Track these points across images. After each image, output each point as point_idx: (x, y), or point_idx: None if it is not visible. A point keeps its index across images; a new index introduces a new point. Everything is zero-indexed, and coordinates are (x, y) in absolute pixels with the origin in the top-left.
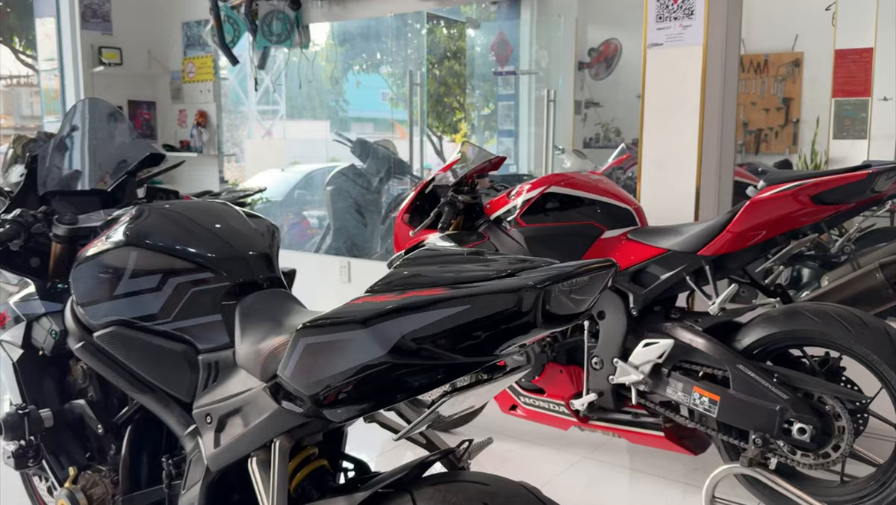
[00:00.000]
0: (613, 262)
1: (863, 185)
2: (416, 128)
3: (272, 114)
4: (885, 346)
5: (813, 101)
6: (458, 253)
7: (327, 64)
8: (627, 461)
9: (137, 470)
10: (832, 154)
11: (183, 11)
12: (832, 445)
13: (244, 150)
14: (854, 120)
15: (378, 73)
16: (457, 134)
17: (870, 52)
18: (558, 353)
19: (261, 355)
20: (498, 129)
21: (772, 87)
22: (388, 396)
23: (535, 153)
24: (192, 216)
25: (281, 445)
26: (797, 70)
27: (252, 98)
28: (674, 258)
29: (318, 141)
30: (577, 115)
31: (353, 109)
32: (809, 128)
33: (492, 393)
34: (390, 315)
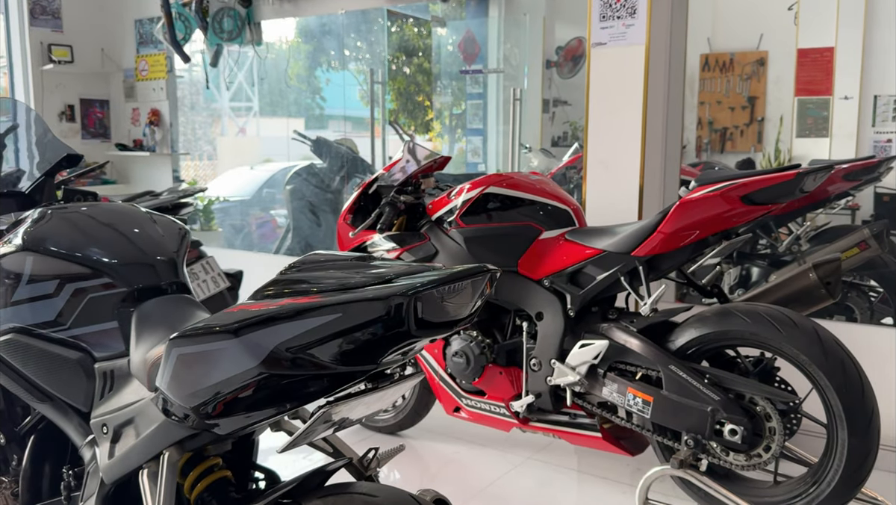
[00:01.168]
0: (487, 267)
1: (791, 185)
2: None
3: (245, 111)
4: (813, 346)
5: (778, 100)
6: (344, 259)
7: (294, 62)
8: (571, 462)
9: (39, 481)
10: (795, 152)
11: (135, 8)
12: (763, 445)
13: (217, 147)
14: (816, 119)
15: (348, 70)
16: (429, 133)
17: (831, 52)
18: (498, 354)
19: (147, 364)
20: (466, 127)
21: (737, 86)
22: (276, 405)
23: (504, 152)
24: (93, 220)
25: (170, 458)
26: (762, 69)
27: (224, 95)
28: (609, 259)
29: (290, 139)
30: (545, 114)
31: (329, 107)
32: (774, 126)
33: (384, 401)
34: (262, 324)
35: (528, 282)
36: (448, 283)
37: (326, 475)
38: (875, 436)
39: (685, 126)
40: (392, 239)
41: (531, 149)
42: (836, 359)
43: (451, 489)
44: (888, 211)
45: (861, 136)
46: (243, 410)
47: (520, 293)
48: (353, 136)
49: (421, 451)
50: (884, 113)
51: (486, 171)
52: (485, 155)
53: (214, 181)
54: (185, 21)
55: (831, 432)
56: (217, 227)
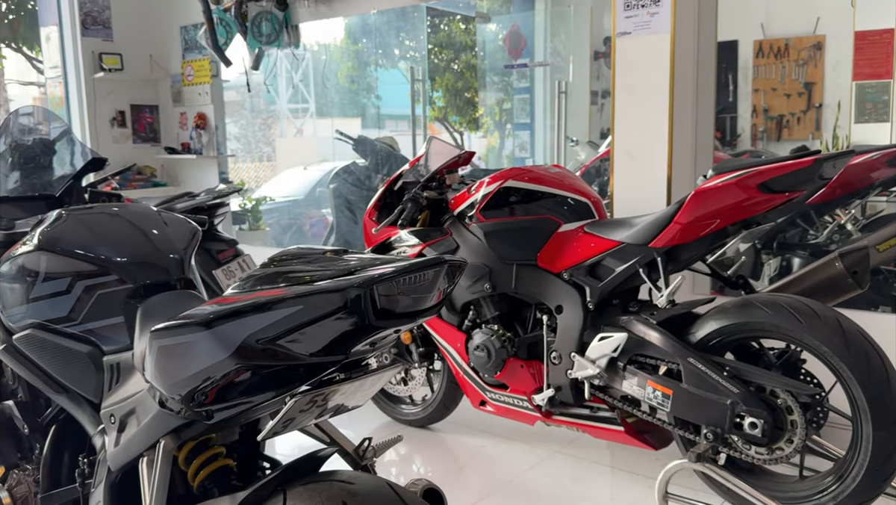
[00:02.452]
0: (443, 259)
1: (809, 172)
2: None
3: (302, 112)
4: (836, 337)
5: (836, 85)
6: (319, 253)
7: (344, 62)
8: (600, 457)
9: (58, 469)
10: (854, 139)
11: (181, 15)
12: (785, 439)
13: (276, 148)
14: (876, 103)
15: (398, 68)
16: (480, 129)
17: (891, 33)
18: (519, 348)
19: (143, 356)
20: (513, 122)
21: (793, 72)
22: (259, 394)
23: (551, 146)
24: (104, 221)
25: (165, 446)
26: (819, 53)
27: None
28: (627, 251)
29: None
30: (593, 106)
31: (385, 106)
32: (832, 112)
33: (367, 390)
34: (231, 317)
35: (547, 275)
36: (403, 274)
37: (318, 462)
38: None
39: (739, 114)
40: (415, 234)
41: (578, 142)
42: (860, 350)
43: (476, 481)
44: None
45: None
46: (230, 398)
47: (539, 286)
48: (407, 134)
49: (449, 443)
50: None
51: (534, 164)
52: (532, 149)
53: (269, 182)
54: (226, 26)
55: (856, 426)
56: (265, 227)
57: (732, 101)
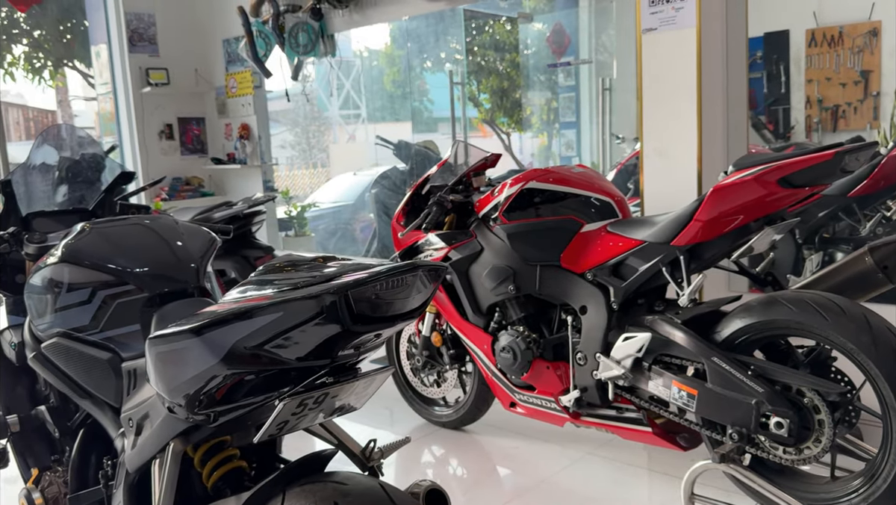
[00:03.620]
0: (417, 264)
1: (830, 165)
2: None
3: (354, 118)
4: (863, 334)
5: (893, 73)
6: (309, 260)
7: (390, 68)
8: (634, 459)
9: (85, 470)
10: None
11: (222, 29)
12: (813, 439)
13: (329, 154)
14: None
15: (444, 72)
16: (525, 130)
17: None
18: (544, 349)
19: None
20: (560, 121)
21: (848, 60)
22: (256, 396)
23: (597, 143)
24: (123, 233)
25: (174, 449)
26: (875, 40)
27: (335, 104)
28: (650, 249)
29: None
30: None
31: (437, 109)
32: (891, 101)
33: (359, 394)
34: (219, 324)
35: (571, 275)
36: (375, 280)
37: (322, 463)
38: None
39: (792, 106)
40: (441, 238)
41: (624, 139)
42: (888, 347)
43: (508, 482)
44: None
45: None
46: (230, 401)
47: (563, 287)
48: (459, 137)
49: (483, 444)
50: None
51: (581, 164)
52: (578, 147)
53: (320, 188)
54: (265, 38)
55: (886, 425)
56: (310, 233)
57: (785, 92)
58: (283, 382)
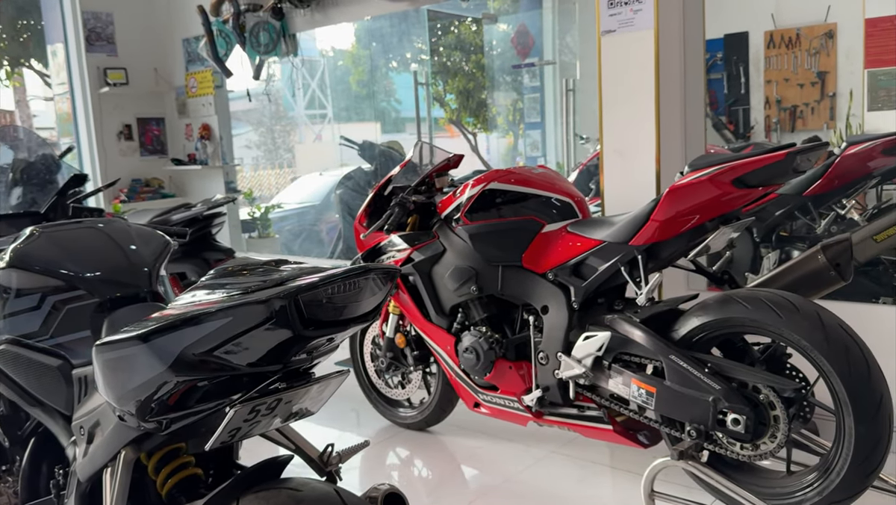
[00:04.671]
0: (369, 267)
1: (783, 165)
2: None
3: (320, 118)
4: (815, 331)
5: (849, 74)
6: (260, 264)
7: (356, 68)
8: (595, 456)
9: (36, 480)
10: (867, 127)
11: (182, 28)
12: (769, 434)
13: (295, 155)
14: (889, 90)
15: (409, 72)
16: (491, 130)
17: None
18: (507, 349)
19: None
20: (525, 121)
21: (805, 62)
22: (209, 403)
23: (562, 144)
24: (74, 238)
25: (125, 457)
26: (831, 42)
27: (300, 103)
28: (609, 249)
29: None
30: None
31: (404, 109)
32: (846, 101)
33: (314, 398)
34: (167, 330)
35: (532, 276)
36: (326, 284)
37: (277, 469)
38: (885, 422)
39: (752, 106)
40: (404, 239)
41: (588, 139)
42: (840, 344)
43: (472, 482)
44: None
45: None
46: (181, 408)
47: (525, 287)
48: (426, 137)
49: (447, 445)
50: None
51: (546, 164)
52: (544, 147)
53: (286, 189)
54: (225, 37)
55: (839, 420)
56: (274, 234)
57: (745, 92)
58: (236, 388)
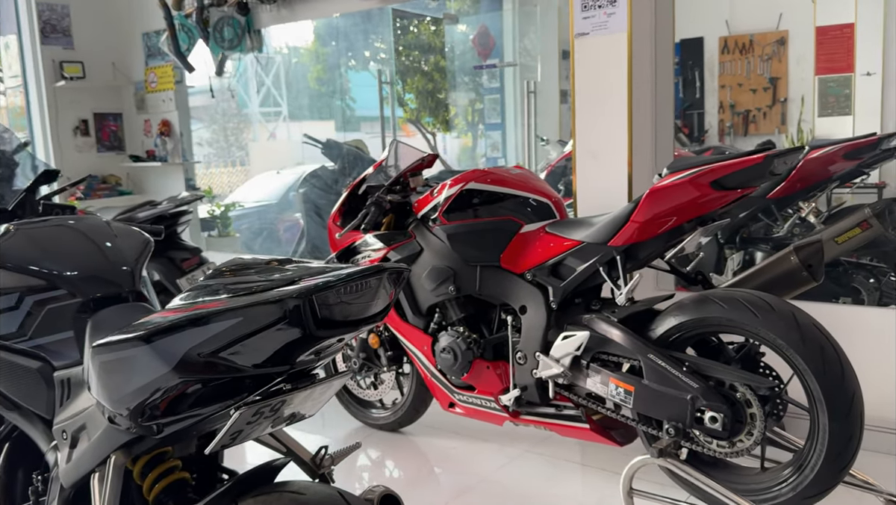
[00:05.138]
0: (383, 266)
1: (760, 168)
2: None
3: (275, 116)
4: (791, 330)
5: (800, 80)
6: (262, 263)
7: (315, 65)
8: (571, 455)
9: (13, 487)
10: (818, 132)
11: (142, 22)
12: (745, 432)
13: (249, 153)
14: (838, 97)
15: (369, 71)
16: (451, 130)
17: (851, 28)
18: (485, 349)
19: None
20: (485, 122)
21: (758, 67)
22: (206, 406)
23: (523, 145)
24: (53, 235)
25: (115, 461)
26: (782, 49)
27: (255, 101)
28: (587, 250)
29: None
30: (563, 105)
31: (360, 108)
32: (797, 106)
33: (318, 399)
34: (171, 331)
35: (510, 276)
36: (342, 283)
37: (272, 472)
38: (857, 420)
39: (706, 110)
40: (379, 238)
41: (548, 141)
42: (815, 343)
43: (447, 482)
44: None
45: (885, 112)
46: (178, 411)
47: (503, 287)
48: (378, 136)
49: (420, 446)
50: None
51: (506, 165)
52: (504, 149)
53: (242, 187)
54: (187, 32)
55: (813, 417)
56: (234, 233)
57: (699, 97)
58: (235, 389)
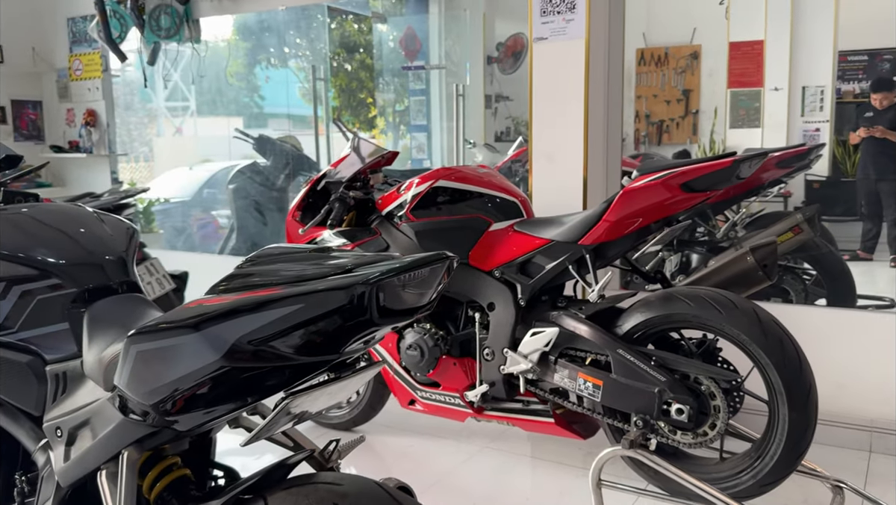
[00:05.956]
0: (447, 254)
1: (728, 172)
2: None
3: (182, 111)
4: (754, 326)
5: (711, 93)
6: (302, 251)
7: (234, 60)
8: (526, 449)
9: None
10: (729, 143)
11: (67, 6)
12: (709, 423)
13: (153, 148)
14: (748, 110)
15: (287, 67)
16: (372, 130)
17: (761, 45)
18: (451, 346)
19: (103, 364)
20: (410, 123)
21: (672, 80)
22: (237, 400)
23: (448, 147)
24: (38, 221)
25: (129, 457)
26: (696, 62)
27: (160, 95)
28: (557, 248)
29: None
30: (487, 109)
31: (268, 105)
32: (708, 118)
33: (344, 392)
34: (222, 318)
35: (479, 273)
36: (408, 270)
37: (288, 469)
38: (813, 409)
39: (623, 119)
40: (342, 235)
41: (475, 144)
42: (776, 338)
43: (407, 480)
44: (818, 197)
45: (791, 125)
46: (203, 405)
47: (471, 285)
48: (296, 133)
49: (376, 444)
50: (812, 103)
51: (431, 166)
52: (430, 151)
53: (152, 182)
54: (120, 19)
55: (773, 408)
56: (158, 229)
57: None
58: (271, 380)
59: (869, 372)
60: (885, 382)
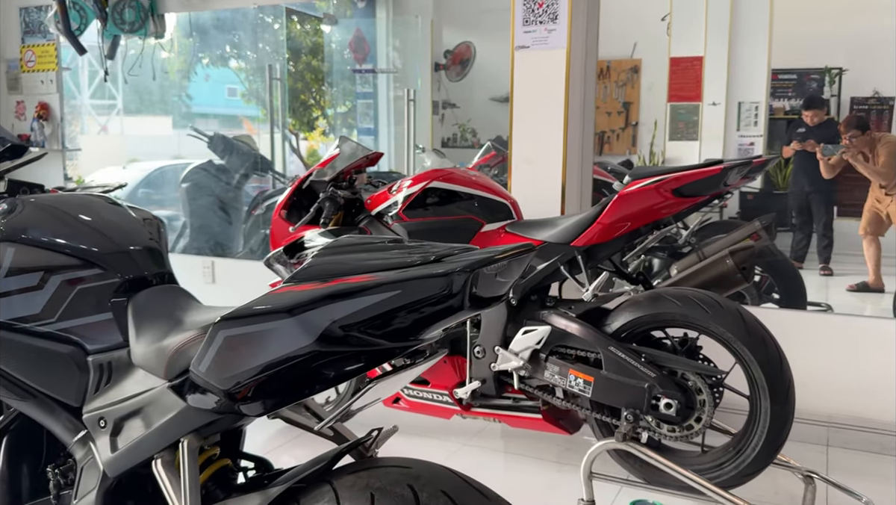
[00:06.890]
0: (532, 245)
1: (717, 179)
2: (276, 124)
3: (108, 109)
4: (738, 325)
5: (651, 106)
6: (377, 241)
7: (177, 57)
8: (505, 446)
9: (18, 482)
10: (668, 154)
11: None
12: (695, 417)
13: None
14: (687, 123)
15: (227, 67)
16: (312, 132)
17: (700, 61)
18: (442, 344)
19: (165, 353)
20: (357, 127)
21: (613, 92)
22: (306, 386)
23: (396, 152)
24: (71, 209)
25: (189, 444)
26: (636, 76)
27: (86, 91)
28: (549, 249)
29: (161, 137)
30: (434, 116)
31: (196, 105)
32: (648, 130)
33: (409, 379)
34: (319, 303)
35: None
36: (500, 260)
37: (337, 457)
38: (792, 404)
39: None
40: (331, 234)
41: (424, 149)
42: (758, 336)
43: None
44: (751, 208)
45: (727, 139)
46: (274, 391)
47: None
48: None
49: None
50: (747, 118)
51: (379, 170)
52: None
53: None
54: (80, 10)
55: (754, 402)
56: None
57: None
58: (342, 367)
59: (827, 371)
60: (842, 380)
